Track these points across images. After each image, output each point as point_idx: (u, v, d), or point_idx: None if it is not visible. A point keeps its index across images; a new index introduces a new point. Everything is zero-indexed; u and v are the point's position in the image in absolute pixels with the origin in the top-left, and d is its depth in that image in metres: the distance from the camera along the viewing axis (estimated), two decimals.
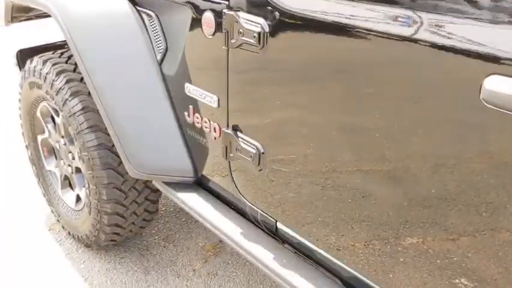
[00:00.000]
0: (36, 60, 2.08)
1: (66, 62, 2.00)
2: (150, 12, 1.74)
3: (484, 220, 0.96)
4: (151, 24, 1.75)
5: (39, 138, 2.36)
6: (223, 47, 1.39)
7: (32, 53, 2.54)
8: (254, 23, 1.29)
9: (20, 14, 2.28)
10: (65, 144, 2.17)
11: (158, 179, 1.79)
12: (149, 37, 1.75)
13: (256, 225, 1.59)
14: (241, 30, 1.32)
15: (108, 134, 1.86)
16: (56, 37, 2.48)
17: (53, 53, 2.10)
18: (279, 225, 1.45)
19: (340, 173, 1.24)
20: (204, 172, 1.72)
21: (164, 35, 1.71)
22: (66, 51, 2.09)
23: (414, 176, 1.07)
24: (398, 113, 1.06)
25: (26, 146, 2.45)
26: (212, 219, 1.59)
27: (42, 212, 2.56)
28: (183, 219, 2.54)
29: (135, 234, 2.27)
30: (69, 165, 2.22)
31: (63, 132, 2.14)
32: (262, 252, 1.44)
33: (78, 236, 2.23)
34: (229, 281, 2.14)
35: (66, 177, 2.33)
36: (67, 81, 1.91)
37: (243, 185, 1.54)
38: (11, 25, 2.30)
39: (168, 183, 1.80)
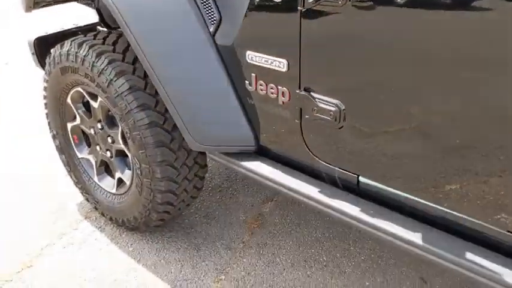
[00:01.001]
0: (69, 43, 2.03)
1: (103, 43, 1.97)
2: None
3: None
4: None
5: (69, 125, 2.31)
6: (298, 7, 1.41)
7: (49, 41, 2.50)
8: None
9: None
10: (102, 128, 2.14)
11: (219, 150, 1.80)
12: (199, 10, 1.75)
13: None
14: None
15: (158, 112, 1.86)
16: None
17: (85, 36, 2.06)
18: (361, 179, 1.50)
19: (424, 122, 1.30)
20: (267, 139, 1.74)
21: (217, 6, 1.71)
22: (98, 33, 2.06)
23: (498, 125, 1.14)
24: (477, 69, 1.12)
25: (53, 136, 2.40)
26: (288, 183, 1.62)
27: (73, 203, 2.52)
28: (218, 197, 2.55)
29: (180, 213, 2.27)
30: (107, 150, 2.19)
31: (100, 116, 2.11)
32: (348, 207, 1.48)
33: (123, 220, 2.21)
34: (280, 248, 2.18)
35: (101, 163, 2.30)
36: (109, 62, 1.89)
37: (317, 145, 1.58)
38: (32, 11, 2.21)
39: (228, 154, 1.81)
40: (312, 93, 1.50)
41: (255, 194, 2.57)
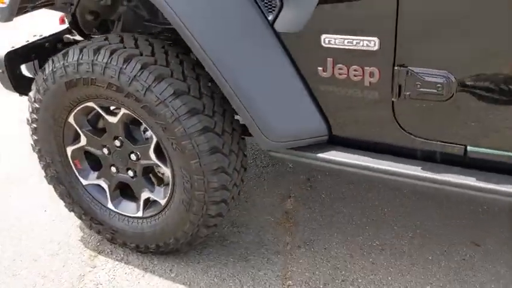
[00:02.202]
0: (77, 51, 1.74)
1: (124, 47, 1.71)
2: None
3: None
4: None
5: (69, 149, 1.98)
6: None
7: (20, 56, 2.13)
8: None
9: (25, 4, 1.86)
10: (120, 145, 1.87)
11: (293, 145, 1.66)
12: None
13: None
14: None
15: (207, 115, 1.68)
16: None
17: (92, 41, 1.78)
18: (470, 148, 1.48)
19: None
20: (343, 126, 1.65)
21: None
22: (108, 35, 1.79)
23: None
24: None
25: (46, 165, 2.03)
26: (384, 167, 1.55)
27: (73, 239, 2.18)
28: (235, 203, 2.37)
29: None
30: (128, 169, 1.91)
31: (119, 132, 1.84)
32: (465, 179, 1.46)
33: (157, 245, 1.95)
34: (328, 241, 2.10)
35: (117, 186, 2.00)
36: (143, 67, 1.65)
37: (413, 122, 1.53)
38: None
39: (298, 148, 1.68)
40: (412, 68, 1.45)
41: (268, 194, 2.45)
